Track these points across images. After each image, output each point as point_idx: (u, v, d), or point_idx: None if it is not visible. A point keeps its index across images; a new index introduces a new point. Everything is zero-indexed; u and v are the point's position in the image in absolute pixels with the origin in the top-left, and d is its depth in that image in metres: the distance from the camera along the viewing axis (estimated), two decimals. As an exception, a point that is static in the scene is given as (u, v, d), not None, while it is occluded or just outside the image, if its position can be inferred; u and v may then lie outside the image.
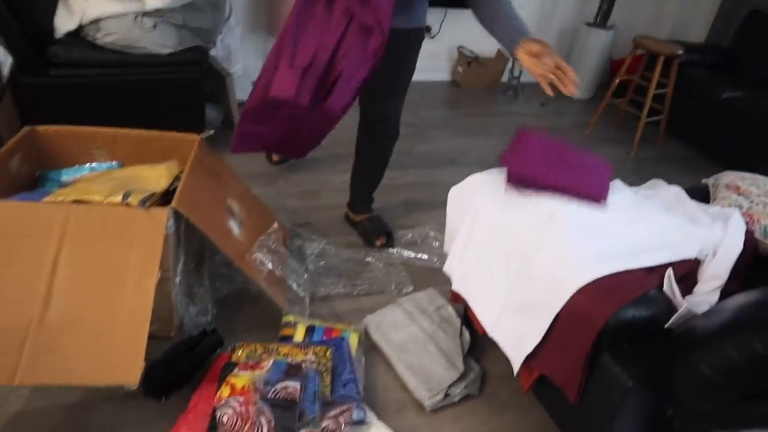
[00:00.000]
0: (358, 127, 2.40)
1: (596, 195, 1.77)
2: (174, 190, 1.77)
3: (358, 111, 2.34)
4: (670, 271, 1.57)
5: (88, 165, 2.08)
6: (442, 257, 2.39)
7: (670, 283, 1.56)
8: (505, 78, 4.60)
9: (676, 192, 1.97)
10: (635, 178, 3.50)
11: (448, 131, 3.71)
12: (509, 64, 4.52)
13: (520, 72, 4.48)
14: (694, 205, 1.87)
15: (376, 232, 2.51)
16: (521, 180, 1.80)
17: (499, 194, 1.82)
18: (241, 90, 3.44)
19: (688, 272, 1.65)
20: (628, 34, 4.73)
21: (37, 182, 2.04)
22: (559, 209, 1.68)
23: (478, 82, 4.46)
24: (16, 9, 2.46)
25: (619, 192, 1.89)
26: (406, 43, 2.13)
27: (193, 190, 1.80)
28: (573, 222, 1.65)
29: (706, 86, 3.91)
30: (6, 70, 2.58)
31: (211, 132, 2.92)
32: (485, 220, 1.79)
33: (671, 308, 1.54)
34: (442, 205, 2.82)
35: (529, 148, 1.85)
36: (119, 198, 1.64)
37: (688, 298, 1.58)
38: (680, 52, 3.63)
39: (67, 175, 2.04)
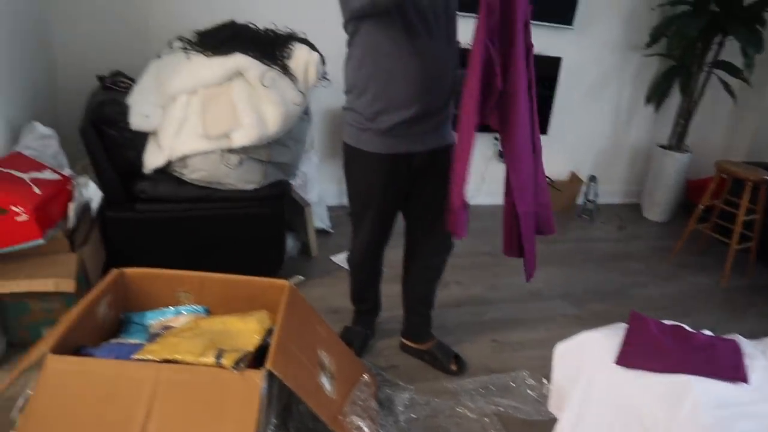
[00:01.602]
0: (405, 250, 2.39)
1: (733, 374, 1.60)
2: (265, 345, 1.67)
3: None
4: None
5: (173, 308, 2.02)
6: (540, 408, 2.21)
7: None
8: (579, 200, 4.51)
9: (813, 353, 1.76)
10: (729, 310, 3.29)
11: (527, 260, 3.57)
12: (583, 187, 4.43)
13: (596, 195, 4.38)
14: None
15: (448, 357, 2.43)
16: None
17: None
18: (316, 216, 3.42)
19: None
20: (703, 154, 4.64)
21: (120, 325, 1.98)
22: (693, 383, 1.51)
23: (553, 206, 4.34)
24: (110, 147, 2.52)
25: (749, 359, 1.69)
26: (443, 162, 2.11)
27: (287, 348, 1.69)
28: (710, 399, 1.47)
29: (798, 211, 3.71)
30: (95, 206, 2.61)
31: (302, 278, 2.88)
32: (602, 390, 1.62)
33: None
34: (534, 344, 2.69)
35: (648, 336, 1.73)
36: (212, 358, 1.55)
37: None
38: (768, 177, 3.48)
39: (151, 318, 1.98)
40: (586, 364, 1.71)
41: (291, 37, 2.71)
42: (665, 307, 3.21)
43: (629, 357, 1.65)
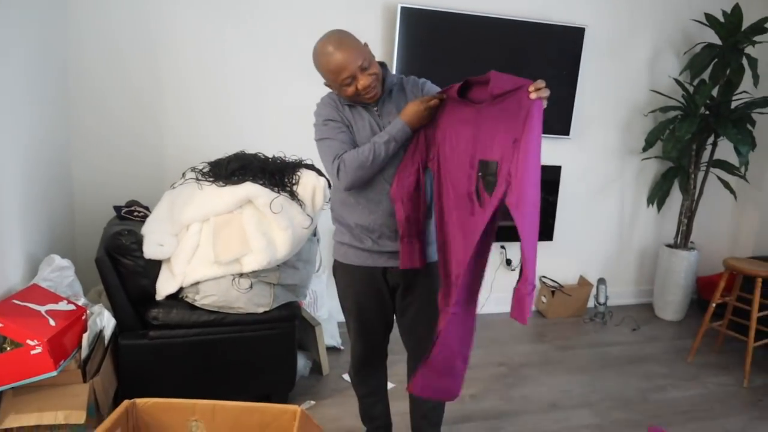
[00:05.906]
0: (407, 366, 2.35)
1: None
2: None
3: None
4: None
5: (185, 439, 2.00)
6: None
7: None
8: (590, 304, 4.50)
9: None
10: (757, 410, 3.19)
11: (542, 369, 3.53)
12: (593, 291, 4.43)
13: (606, 298, 4.38)
14: None
15: None
16: None
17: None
18: (327, 334, 3.42)
19: None
20: (711, 250, 4.68)
21: (132, 459, 1.96)
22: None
23: (564, 311, 4.36)
24: (124, 276, 2.59)
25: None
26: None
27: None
28: None
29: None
30: (108, 333, 2.64)
31: (312, 403, 2.88)
32: None
33: None
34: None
35: None
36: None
37: None
38: (778, 273, 3.48)
39: (163, 450, 1.97)
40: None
41: (298, 164, 2.84)
42: (689, 410, 3.13)
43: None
